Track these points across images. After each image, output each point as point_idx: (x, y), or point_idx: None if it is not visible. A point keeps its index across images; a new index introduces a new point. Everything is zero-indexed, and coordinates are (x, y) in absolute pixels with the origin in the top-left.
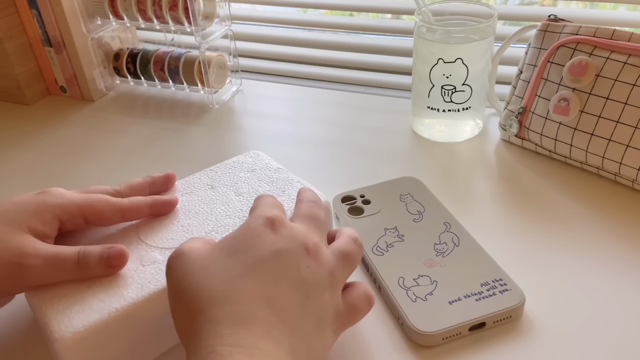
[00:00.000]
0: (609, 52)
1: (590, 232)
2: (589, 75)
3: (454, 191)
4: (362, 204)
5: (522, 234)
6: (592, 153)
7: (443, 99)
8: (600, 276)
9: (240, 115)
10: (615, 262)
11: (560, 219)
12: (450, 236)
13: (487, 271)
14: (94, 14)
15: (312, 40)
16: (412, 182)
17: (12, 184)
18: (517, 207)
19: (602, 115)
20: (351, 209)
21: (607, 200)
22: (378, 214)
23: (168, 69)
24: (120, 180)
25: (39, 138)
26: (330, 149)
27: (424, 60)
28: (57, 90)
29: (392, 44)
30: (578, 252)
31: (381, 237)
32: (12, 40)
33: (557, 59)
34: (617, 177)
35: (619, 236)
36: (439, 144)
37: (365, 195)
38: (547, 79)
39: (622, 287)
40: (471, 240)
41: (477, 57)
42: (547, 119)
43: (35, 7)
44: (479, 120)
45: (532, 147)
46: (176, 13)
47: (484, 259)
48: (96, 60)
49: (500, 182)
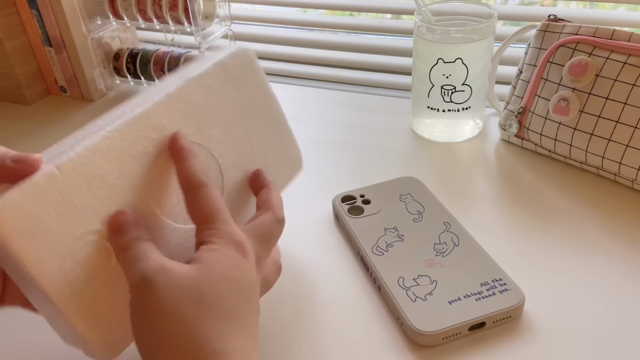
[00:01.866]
0: (608, 52)
1: (590, 232)
2: (589, 75)
3: (454, 191)
4: (362, 204)
5: (522, 234)
6: (592, 153)
7: (443, 99)
8: (600, 276)
9: None
10: (614, 262)
11: (560, 218)
12: (450, 236)
13: (486, 271)
14: (94, 14)
15: (312, 40)
16: (412, 182)
17: None
18: (516, 207)
19: (601, 115)
20: (351, 208)
21: (607, 200)
22: (378, 213)
23: (168, 69)
24: None
25: (39, 138)
26: (330, 149)
27: (423, 60)
28: (57, 90)
29: (392, 44)
30: (578, 252)
31: (381, 237)
32: (12, 40)
33: (557, 59)
34: (617, 177)
35: (619, 236)
36: (438, 144)
37: (365, 195)
38: (546, 79)
39: (621, 287)
40: (470, 240)
41: (477, 57)
42: (547, 119)
43: (35, 7)
44: (479, 120)
45: (532, 147)
46: (176, 13)
47: (483, 258)
48: (96, 60)
49: (500, 182)
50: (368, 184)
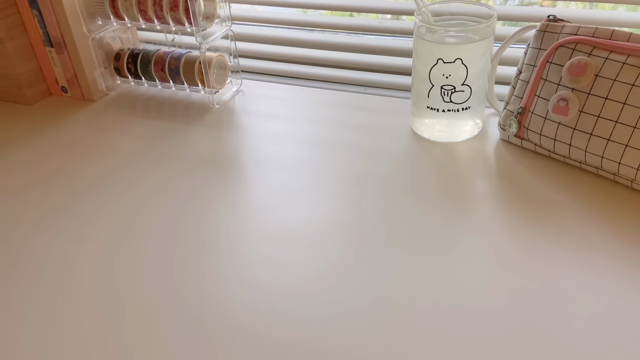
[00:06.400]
0: (608, 52)
1: (590, 232)
2: (588, 75)
3: (453, 191)
4: None
5: (521, 234)
6: (591, 153)
7: (442, 99)
8: (599, 275)
9: (241, 115)
10: (614, 262)
11: (560, 218)
12: None
13: None
14: (95, 14)
15: (312, 40)
16: None
17: (13, 183)
18: (516, 207)
19: (601, 115)
20: None
21: (606, 200)
22: None
23: (169, 69)
24: (121, 179)
25: (40, 138)
26: (330, 148)
27: (423, 61)
28: (58, 91)
29: (392, 44)
30: (577, 251)
31: None
32: (14, 41)
33: (556, 59)
34: (616, 177)
35: (618, 235)
36: (438, 144)
37: None
38: (546, 79)
39: (622, 286)
40: None
41: (477, 57)
42: (547, 119)
43: (37, 8)
44: (479, 120)
45: (532, 147)
46: (177, 13)
47: None
48: (97, 61)
49: (499, 182)
50: (367, 184)
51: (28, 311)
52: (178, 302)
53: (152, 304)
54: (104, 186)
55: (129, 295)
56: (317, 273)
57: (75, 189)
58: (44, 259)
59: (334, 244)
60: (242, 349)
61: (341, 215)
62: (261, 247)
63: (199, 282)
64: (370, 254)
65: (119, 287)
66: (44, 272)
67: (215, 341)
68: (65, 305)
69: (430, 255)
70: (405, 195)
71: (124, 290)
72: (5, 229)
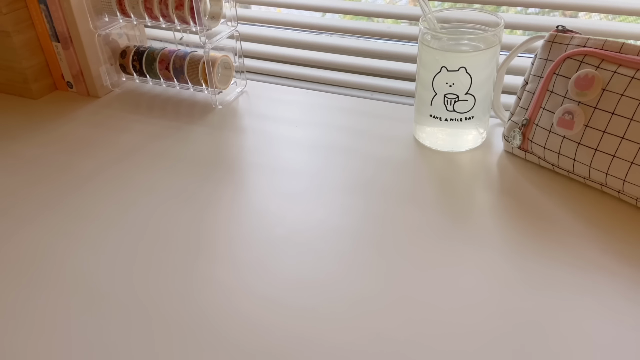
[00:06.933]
0: (616, 66)
1: (591, 250)
2: (595, 89)
3: (453, 202)
4: None
5: (521, 249)
6: (596, 169)
7: (445, 108)
8: (600, 294)
9: (244, 116)
10: (616, 281)
11: (562, 235)
12: None
13: None
14: (102, 10)
15: (318, 43)
16: None
17: (17, 177)
18: (517, 221)
19: (607, 130)
20: None
21: (610, 218)
22: None
23: (173, 68)
24: (121, 177)
25: (44, 132)
26: (331, 154)
27: (427, 68)
28: (64, 86)
29: (400, 50)
30: (579, 269)
31: None
32: (20, 35)
33: (563, 71)
34: (621, 195)
35: (621, 255)
36: (440, 153)
37: None
38: (552, 91)
39: (622, 306)
40: None
41: (481, 66)
42: (551, 132)
43: (44, 2)
44: (482, 130)
45: (535, 160)
46: (182, 12)
47: None
48: (103, 57)
49: (500, 195)
50: (368, 191)
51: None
52: (167, 303)
53: (142, 303)
54: (98, 182)
55: (116, 294)
56: (307, 282)
57: (76, 183)
58: (35, 254)
59: (328, 251)
60: (227, 356)
61: (337, 221)
62: (252, 253)
63: (189, 284)
64: (364, 264)
65: (105, 287)
66: (35, 268)
67: (203, 344)
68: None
69: (425, 267)
70: (403, 204)
71: (110, 289)
72: (4, 224)
